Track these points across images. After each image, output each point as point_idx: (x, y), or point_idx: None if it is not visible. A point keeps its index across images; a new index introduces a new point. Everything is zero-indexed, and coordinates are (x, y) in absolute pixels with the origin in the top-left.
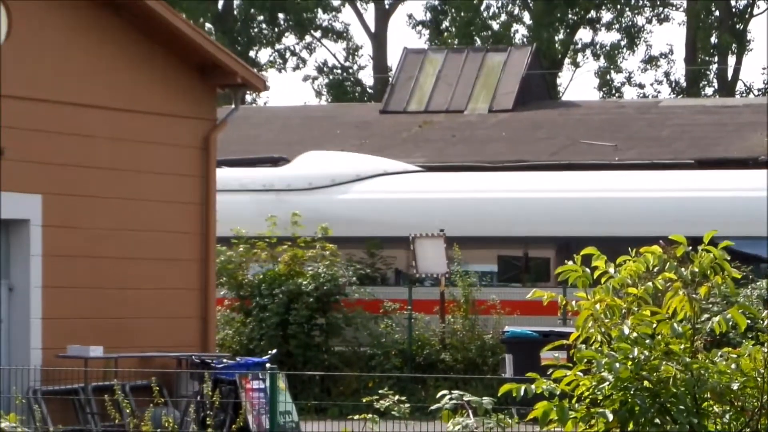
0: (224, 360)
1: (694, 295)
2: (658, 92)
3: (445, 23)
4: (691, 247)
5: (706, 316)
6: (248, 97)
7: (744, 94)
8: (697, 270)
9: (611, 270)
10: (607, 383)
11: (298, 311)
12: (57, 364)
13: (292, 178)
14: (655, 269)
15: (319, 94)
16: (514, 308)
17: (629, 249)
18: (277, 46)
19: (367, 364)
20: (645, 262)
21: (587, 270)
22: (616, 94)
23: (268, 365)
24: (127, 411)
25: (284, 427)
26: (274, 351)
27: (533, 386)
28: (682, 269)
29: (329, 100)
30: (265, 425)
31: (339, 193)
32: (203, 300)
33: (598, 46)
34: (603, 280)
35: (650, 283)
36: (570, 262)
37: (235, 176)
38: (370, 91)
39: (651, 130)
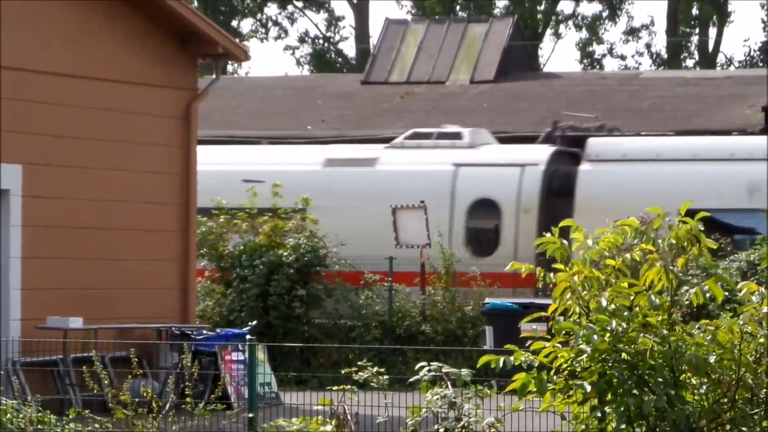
0: (204, 331)
1: (671, 267)
2: (639, 64)
3: None
4: (669, 219)
5: (685, 288)
6: (230, 68)
7: (725, 67)
8: (674, 242)
9: (589, 242)
10: (585, 355)
11: (278, 282)
12: (36, 336)
13: None
14: (635, 241)
15: (300, 64)
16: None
17: (606, 221)
18: (259, 16)
19: (348, 336)
20: (622, 234)
21: (565, 242)
22: (597, 66)
23: (248, 337)
24: (106, 382)
25: (264, 398)
26: (254, 322)
27: (512, 358)
28: (659, 241)
29: (311, 70)
30: (244, 396)
31: None
32: (183, 271)
33: (579, 17)
34: (581, 252)
35: (628, 255)
36: (548, 234)
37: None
38: (352, 62)
39: (632, 102)
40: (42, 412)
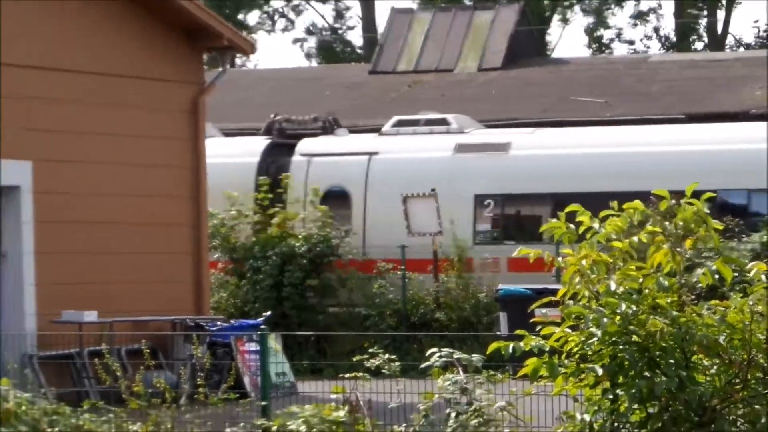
0: (218, 323)
1: (678, 249)
2: (648, 47)
3: None
4: (675, 201)
5: (698, 270)
6: (238, 60)
7: (734, 48)
8: (681, 223)
9: (595, 225)
10: (596, 338)
11: (291, 273)
12: (52, 330)
13: None
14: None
15: (309, 56)
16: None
17: (612, 204)
18: (266, 8)
19: (362, 325)
20: (628, 217)
21: (572, 226)
22: (606, 51)
23: (262, 327)
24: (118, 374)
25: (280, 387)
26: (269, 313)
27: (521, 344)
28: (666, 223)
29: (319, 61)
30: (259, 386)
31: None
32: (196, 264)
33: (586, 2)
34: (588, 235)
35: (635, 238)
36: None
37: None
38: (359, 51)
39: (641, 86)
40: (57, 404)
